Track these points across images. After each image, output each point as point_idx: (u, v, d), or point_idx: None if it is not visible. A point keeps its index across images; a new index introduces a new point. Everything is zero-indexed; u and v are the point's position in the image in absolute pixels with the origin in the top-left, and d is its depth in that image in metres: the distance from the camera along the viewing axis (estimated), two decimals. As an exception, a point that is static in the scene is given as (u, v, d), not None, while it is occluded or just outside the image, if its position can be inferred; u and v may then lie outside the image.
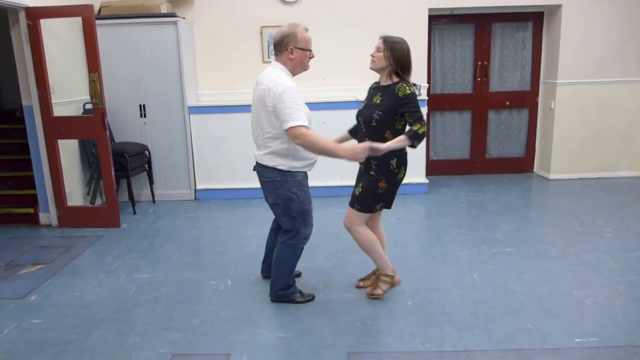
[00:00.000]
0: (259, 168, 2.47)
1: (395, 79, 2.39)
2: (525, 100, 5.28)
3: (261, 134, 2.39)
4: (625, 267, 2.94)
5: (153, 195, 4.57)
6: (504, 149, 5.41)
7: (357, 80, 4.76)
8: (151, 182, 4.54)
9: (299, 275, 2.90)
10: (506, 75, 5.24)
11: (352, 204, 2.53)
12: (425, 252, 3.27)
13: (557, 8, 4.84)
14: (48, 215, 4.01)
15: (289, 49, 2.33)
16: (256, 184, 4.63)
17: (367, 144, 2.23)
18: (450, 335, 2.26)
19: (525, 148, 5.41)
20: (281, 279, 2.55)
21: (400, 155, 2.42)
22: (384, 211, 2.64)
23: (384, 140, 2.35)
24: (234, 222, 3.98)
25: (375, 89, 2.50)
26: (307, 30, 2.38)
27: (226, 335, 2.32)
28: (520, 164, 5.42)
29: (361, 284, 2.76)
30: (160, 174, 4.61)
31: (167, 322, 2.44)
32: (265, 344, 2.24)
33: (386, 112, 2.35)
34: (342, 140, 2.65)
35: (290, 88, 2.24)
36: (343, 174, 4.59)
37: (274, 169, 2.38)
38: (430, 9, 4.75)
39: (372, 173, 2.44)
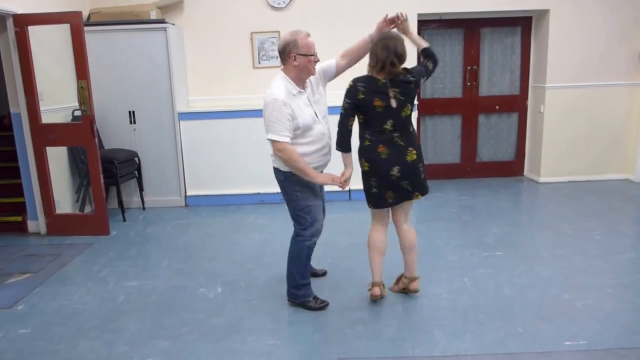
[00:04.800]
0: (273, 168, 2.56)
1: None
2: (515, 104, 5.32)
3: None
4: (615, 269, 2.97)
5: (143, 202, 4.54)
6: (494, 153, 5.45)
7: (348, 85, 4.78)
8: (141, 188, 4.51)
9: (324, 273, 2.97)
10: (495, 80, 5.28)
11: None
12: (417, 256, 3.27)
13: (545, 13, 4.90)
14: (36, 223, 3.96)
15: (292, 56, 2.37)
16: (247, 189, 4.67)
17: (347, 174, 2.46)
18: (440, 340, 2.26)
19: (515, 151, 5.45)
20: (291, 277, 2.58)
21: (359, 148, 2.47)
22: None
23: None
24: (224, 229, 3.96)
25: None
26: (309, 35, 2.42)
27: (216, 343, 2.30)
28: (511, 168, 5.46)
29: (395, 288, 2.75)
30: (150, 180, 4.58)
31: (156, 331, 2.41)
32: (255, 351, 2.22)
33: None
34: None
35: (274, 101, 2.32)
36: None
37: (278, 169, 2.49)
38: (419, 14, 4.78)
39: None
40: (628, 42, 4.87)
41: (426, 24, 5.04)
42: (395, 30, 2.58)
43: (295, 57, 2.37)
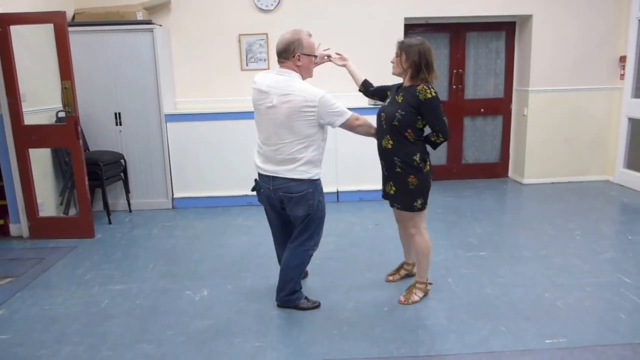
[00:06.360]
0: (284, 183, 2.35)
1: (417, 81, 2.42)
2: (499, 107, 5.41)
3: (289, 146, 2.30)
4: (594, 268, 3.04)
5: (129, 205, 4.50)
6: (479, 155, 5.53)
7: (334, 88, 4.80)
8: (127, 191, 4.47)
9: (305, 275, 2.93)
10: (481, 83, 5.37)
11: (392, 204, 2.59)
12: (402, 258, 3.29)
13: (528, 18, 5.00)
14: (19, 226, 3.89)
15: (296, 55, 2.29)
16: (234, 191, 4.65)
17: None
18: (425, 340, 2.29)
19: (500, 154, 5.54)
20: (289, 285, 2.54)
21: (422, 151, 2.48)
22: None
23: (405, 138, 2.44)
24: (211, 231, 3.94)
25: (398, 88, 2.55)
26: (310, 35, 2.36)
27: (201, 345, 2.29)
28: (496, 169, 5.55)
29: (390, 278, 2.90)
30: (136, 182, 4.54)
31: (141, 335, 2.40)
32: (241, 353, 2.22)
33: (407, 112, 2.39)
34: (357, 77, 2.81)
35: (325, 95, 2.28)
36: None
37: (308, 180, 2.34)
38: (406, 18, 4.84)
39: (398, 170, 2.49)
40: (608, 47, 4.99)
41: (412, 28, 5.10)
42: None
43: (299, 57, 2.29)
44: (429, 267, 2.68)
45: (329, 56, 2.69)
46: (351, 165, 4.57)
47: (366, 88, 2.79)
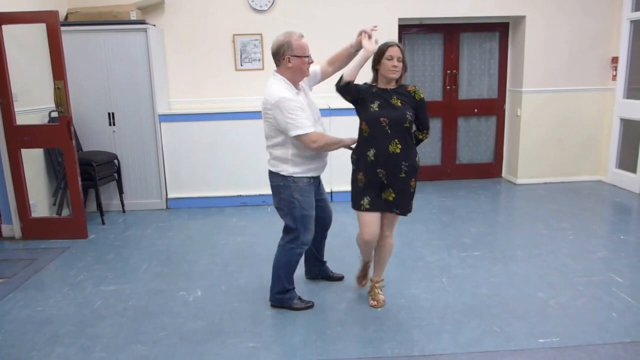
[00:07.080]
0: (269, 173, 2.55)
1: (400, 82, 2.45)
2: (493, 108, 5.44)
3: (266, 142, 2.50)
4: (587, 268, 3.06)
5: (123, 205, 4.47)
6: (473, 155, 5.55)
7: (329, 88, 4.81)
8: (121, 191, 4.44)
9: (341, 278, 2.93)
10: (474, 84, 5.39)
11: (391, 209, 2.48)
12: (396, 258, 3.29)
13: (521, 19, 5.03)
14: (11, 227, 3.86)
15: (286, 57, 2.36)
16: (229, 191, 4.65)
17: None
18: (419, 340, 2.29)
19: (493, 154, 5.56)
20: (278, 283, 2.56)
21: (417, 153, 2.53)
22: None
23: (411, 140, 2.45)
24: (205, 231, 3.93)
25: (384, 91, 2.41)
26: (302, 37, 2.40)
27: (195, 346, 2.28)
28: (489, 170, 5.57)
29: (363, 283, 2.79)
30: (130, 183, 4.51)
31: (134, 336, 2.39)
32: (235, 354, 2.22)
33: (412, 114, 2.42)
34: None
35: (283, 99, 2.29)
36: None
37: (277, 174, 2.47)
38: (400, 19, 4.85)
39: (403, 175, 2.43)
40: (600, 48, 5.03)
41: (407, 28, 5.12)
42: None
43: (289, 59, 2.35)
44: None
45: (368, 34, 2.50)
46: (346, 166, 4.56)
47: (348, 82, 2.47)
